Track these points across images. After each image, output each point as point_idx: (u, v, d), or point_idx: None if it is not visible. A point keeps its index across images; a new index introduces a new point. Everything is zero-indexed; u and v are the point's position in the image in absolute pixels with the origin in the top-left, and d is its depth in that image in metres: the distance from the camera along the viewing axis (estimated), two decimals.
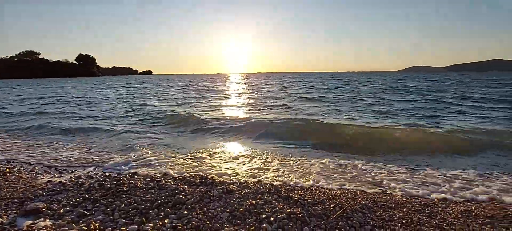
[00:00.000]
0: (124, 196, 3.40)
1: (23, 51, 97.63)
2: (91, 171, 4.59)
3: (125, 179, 4.03)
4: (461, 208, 3.17)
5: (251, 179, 4.21)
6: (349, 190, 3.72)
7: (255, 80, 54.75)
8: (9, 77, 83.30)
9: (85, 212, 2.98)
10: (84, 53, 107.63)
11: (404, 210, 3.05)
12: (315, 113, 10.93)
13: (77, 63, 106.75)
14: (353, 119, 9.62)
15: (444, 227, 2.70)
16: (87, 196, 3.40)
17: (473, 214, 3.01)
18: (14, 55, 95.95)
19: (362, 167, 4.78)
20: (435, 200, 3.45)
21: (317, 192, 3.57)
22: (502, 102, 13.53)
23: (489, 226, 2.74)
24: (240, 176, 4.34)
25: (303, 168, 4.76)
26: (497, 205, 3.31)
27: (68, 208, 3.06)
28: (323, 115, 10.49)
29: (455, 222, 2.81)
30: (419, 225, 2.72)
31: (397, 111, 11.23)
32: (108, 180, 4.03)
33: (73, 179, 4.09)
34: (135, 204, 3.15)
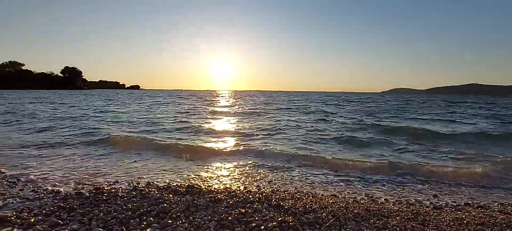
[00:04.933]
0: (103, 205, 3.17)
1: (5, 62, 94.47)
2: (70, 180, 4.30)
3: (105, 187, 3.78)
4: (452, 216, 3.13)
5: (240, 188, 4.05)
6: (340, 199, 3.63)
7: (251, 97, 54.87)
8: None
9: (59, 221, 2.73)
10: (70, 66, 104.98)
11: (398, 218, 2.98)
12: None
13: (62, 75, 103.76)
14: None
15: None
16: (62, 204, 3.15)
17: (465, 222, 2.97)
18: None
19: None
20: (427, 209, 3.40)
21: (309, 200, 3.46)
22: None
23: None
24: (228, 186, 4.17)
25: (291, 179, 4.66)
26: (487, 213, 3.30)
27: (40, 217, 2.80)
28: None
29: (447, 230, 2.75)
30: None
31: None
32: (86, 188, 3.78)
33: (48, 188, 3.81)
34: (115, 213, 2.93)
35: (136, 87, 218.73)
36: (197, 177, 4.68)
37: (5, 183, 3.99)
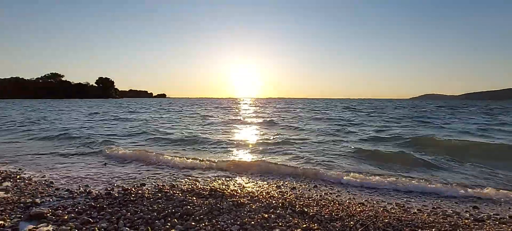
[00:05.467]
0: (130, 205, 3.27)
1: (48, 74, 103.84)
2: (99, 182, 4.49)
3: (133, 189, 3.91)
4: (497, 229, 2.84)
5: (263, 193, 3.98)
6: (369, 208, 3.44)
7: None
8: (35, 97, 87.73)
9: (90, 219, 2.85)
10: (103, 77, 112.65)
11: (433, 230, 2.75)
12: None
13: (96, 85, 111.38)
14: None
15: None
16: (93, 204, 3.29)
17: None
18: (40, 77, 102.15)
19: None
20: (466, 221, 3.11)
21: (335, 208, 3.32)
22: None
23: None
24: (250, 190, 4.12)
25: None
26: None
27: (72, 215, 2.95)
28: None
29: None
30: None
31: None
32: (116, 189, 3.93)
33: (81, 187, 4.01)
34: (141, 213, 3.00)
35: (163, 95, 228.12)
36: (218, 182, 4.67)
37: (43, 182, 4.28)
